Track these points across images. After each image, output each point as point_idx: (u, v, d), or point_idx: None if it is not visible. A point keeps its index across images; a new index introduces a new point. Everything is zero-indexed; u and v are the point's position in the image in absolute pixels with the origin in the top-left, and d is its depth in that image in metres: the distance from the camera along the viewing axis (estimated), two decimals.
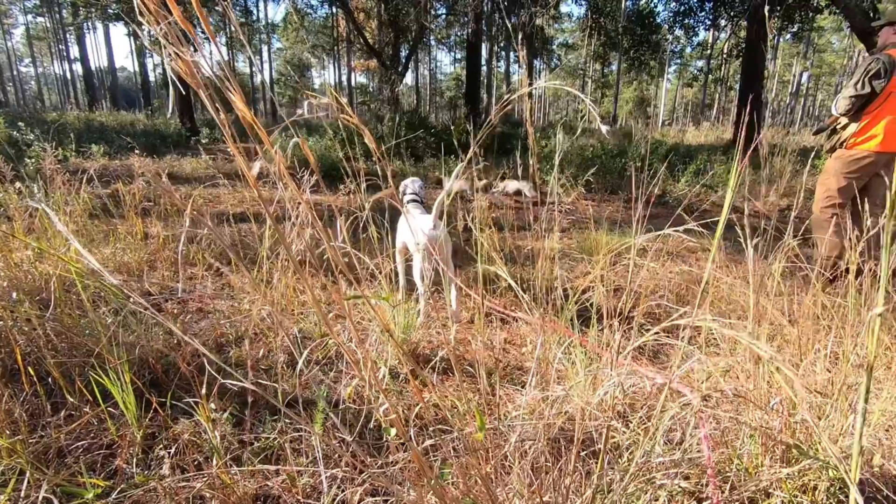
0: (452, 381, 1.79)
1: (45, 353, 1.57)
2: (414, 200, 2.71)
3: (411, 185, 2.80)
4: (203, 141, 12.06)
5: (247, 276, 2.59)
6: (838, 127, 2.84)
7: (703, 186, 5.63)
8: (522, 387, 1.71)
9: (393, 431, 0.68)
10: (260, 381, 1.62)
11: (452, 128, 8.86)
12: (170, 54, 0.59)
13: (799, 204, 1.94)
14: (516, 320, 2.39)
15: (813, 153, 2.74)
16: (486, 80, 25.82)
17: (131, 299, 2.37)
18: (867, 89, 2.57)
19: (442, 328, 2.36)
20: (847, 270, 2.14)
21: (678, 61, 37.04)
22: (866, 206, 2.05)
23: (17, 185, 3.57)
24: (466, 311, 2.53)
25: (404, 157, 8.21)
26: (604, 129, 0.76)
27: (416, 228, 2.38)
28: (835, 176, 2.82)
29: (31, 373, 1.44)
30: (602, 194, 5.90)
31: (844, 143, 2.78)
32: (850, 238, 1.92)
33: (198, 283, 2.72)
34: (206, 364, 1.58)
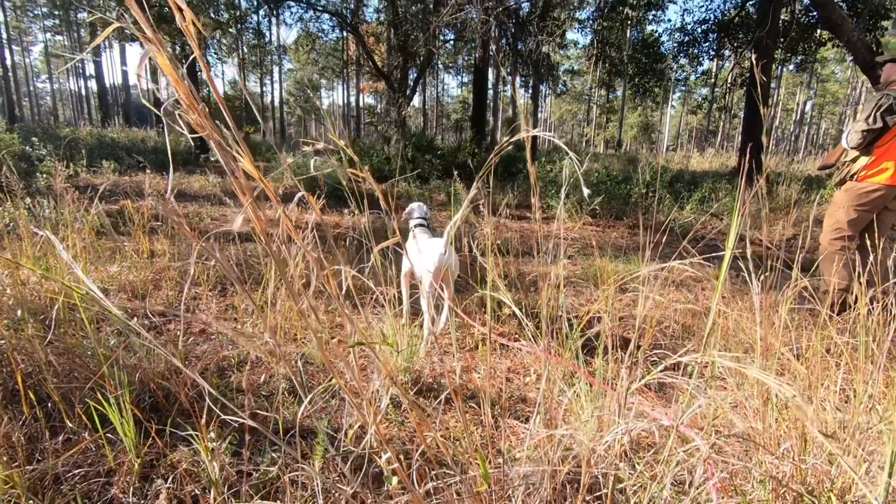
0: (456, 411, 1.76)
1: (45, 375, 1.56)
2: (421, 225, 2.73)
3: (418, 209, 2.81)
4: (212, 158, 12.22)
5: (249, 301, 2.59)
6: (847, 159, 2.85)
7: (710, 215, 5.63)
8: (526, 420, 1.68)
9: (395, 480, 0.67)
10: (260, 410, 1.60)
11: (459, 153, 8.94)
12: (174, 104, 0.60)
13: (806, 235, 1.94)
14: (521, 349, 2.37)
15: (817, 184, 2.74)
16: (492, 104, 26.20)
17: (134, 320, 2.37)
18: (879, 124, 2.60)
19: (444, 355, 2.34)
20: (855, 303, 2.12)
21: (682, 88, 37.49)
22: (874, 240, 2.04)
23: (28, 200, 3.62)
24: (470, 338, 2.51)
25: (410, 179, 8.28)
26: (585, 191, 0.77)
27: (425, 252, 2.39)
28: (844, 208, 2.82)
29: (32, 396, 1.43)
30: (607, 220, 5.91)
31: (855, 176, 2.79)
32: (858, 272, 1.91)
33: (201, 304, 2.72)
34: (209, 389, 1.56)
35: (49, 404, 1.51)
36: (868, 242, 2.61)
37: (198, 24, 0.44)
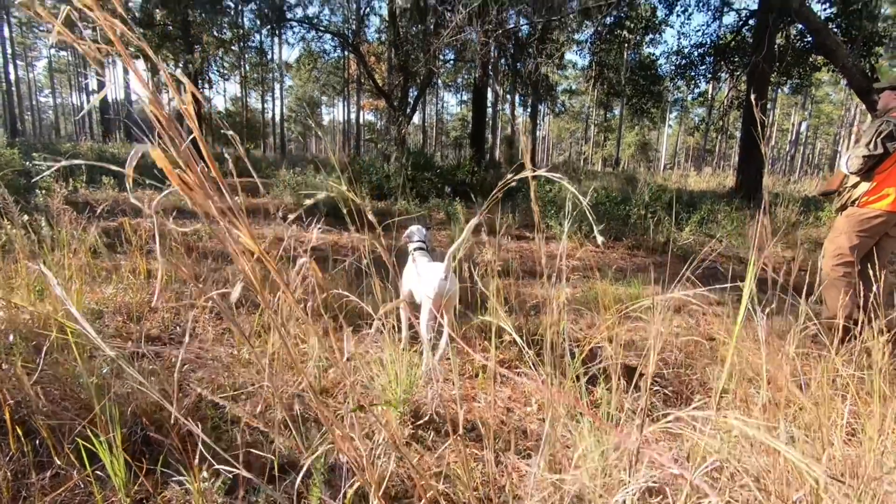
0: (457, 442, 1.72)
1: (35, 405, 1.52)
2: (420, 248, 2.70)
3: (417, 232, 2.79)
4: (212, 175, 12.20)
5: (242, 329, 2.55)
6: (848, 185, 2.86)
7: (710, 237, 5.63)
8: (528, 456, 1.64)
9: None
10: (256, 446, 1.56)
11: (458, 171, 8.98)
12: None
13: (806, 257, 1.92)
14: (524, 374, 2.33)
15: (815, 206, 2.74)
16: (490, 122, 26.46)
17: (129, 345, 2.33)
18: (880, 150, 2.61)
19: (444, 382, 2.29)
20: (860, 333, 2.09)
21: (679, 108, 37.93)
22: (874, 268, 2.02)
23: (25, 218, 3.59)
24: (470, 365, 2.47)
25: (409, 197, 8.29)
26: (599, 238, 0.76)
27: (425, 277, 2.36)
28: (846, 234, 2.81)
29: (19, 430, 1.39)
30: (606, 240, 5.90)
31: (856, 202, 2.79)
32: (862, 298, 1.89)
33: (198, 327, 2.67)
34: (202, 437, 1.52)
35: (37, 439, 1.47)
36: (870, 271, 2.60)
37: (198, 94, 0.43)
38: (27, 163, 7.78)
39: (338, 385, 2.14)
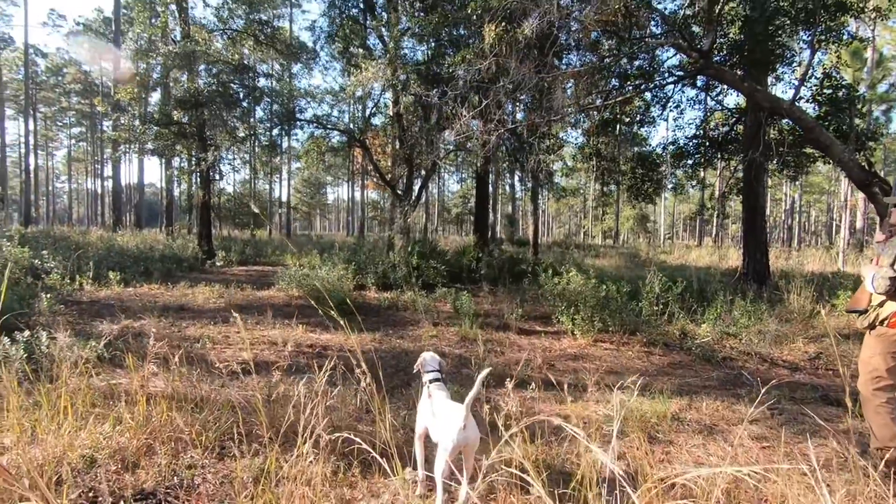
0: None
1: None
2: (437, 380, 2.56)
3: (431, 361, 2.66)
4: (218, 264, 12.31)
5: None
6: (874, 304, 2.76)
7: (729, 335, 5.48)
8: None
9: None
10: None
11: (463, 257, 9.00)
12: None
13: (830, 353, 1.77)
14: None
15: (828, 288, 2.61)
16: (491, 199, 27.14)
17: None
18: None
19: None
20: None
21: (674, 180, 38.95)
22: None
23: (27, 333, 3.47)
24: None
25: (415, 287, 8.22)
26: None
27: (442, 421, 2.21)
28: (881, 356, 2.68)
29: None
30: (620, 335, 5.72)
31: (885, 322, 2.68)
32: None
33: (196, 474, 2.47)
34: None
35: None
36: None
37: None
38: (36, 261, 7.82)
39: None
